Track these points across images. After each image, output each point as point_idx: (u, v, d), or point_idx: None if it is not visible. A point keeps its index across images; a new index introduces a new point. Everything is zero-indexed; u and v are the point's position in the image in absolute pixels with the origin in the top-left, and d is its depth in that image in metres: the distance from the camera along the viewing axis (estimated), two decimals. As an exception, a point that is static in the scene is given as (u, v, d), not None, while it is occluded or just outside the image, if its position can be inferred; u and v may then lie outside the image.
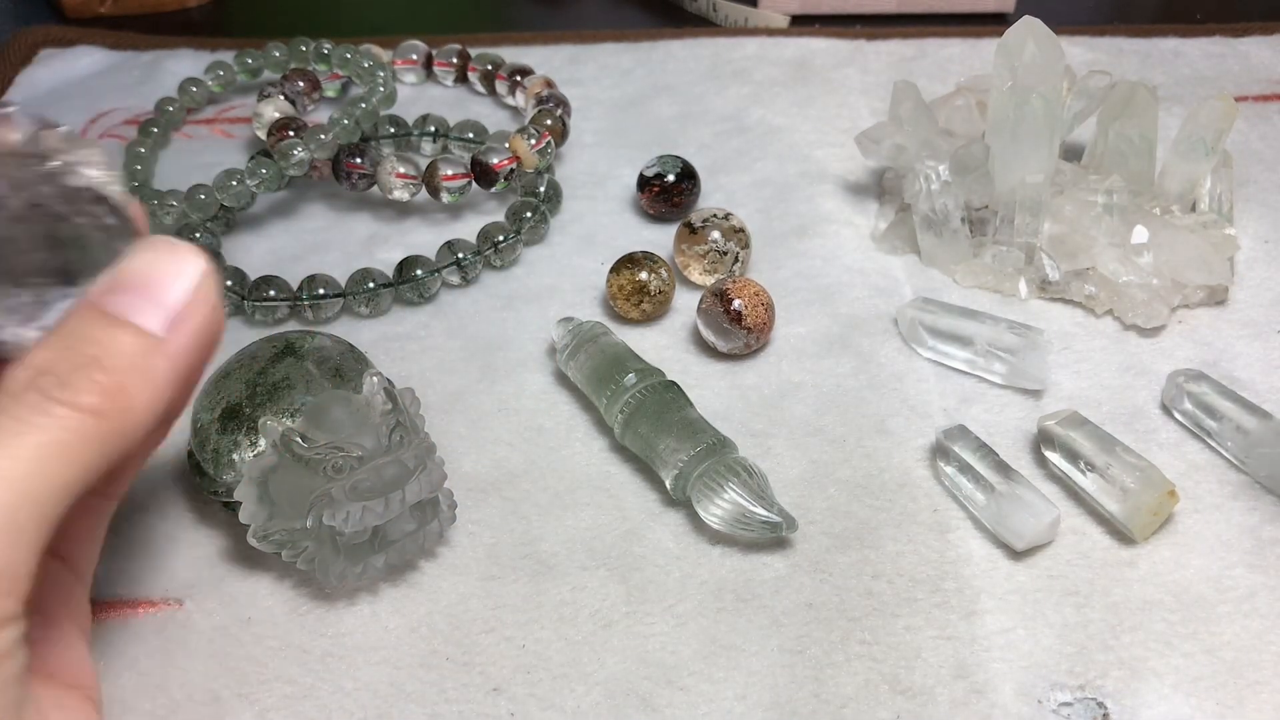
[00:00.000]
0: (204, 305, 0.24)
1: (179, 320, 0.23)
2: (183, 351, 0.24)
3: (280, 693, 0.29)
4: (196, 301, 0.24)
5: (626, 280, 0.40)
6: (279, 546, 0.30)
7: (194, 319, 0.24)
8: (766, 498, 0.32)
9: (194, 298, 0.24)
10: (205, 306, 0.24)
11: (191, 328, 0.24)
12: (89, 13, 0.63)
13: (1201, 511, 0.33)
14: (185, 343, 0.24)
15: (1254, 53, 0.56)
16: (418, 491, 0.30)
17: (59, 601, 0.27)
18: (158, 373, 0.23)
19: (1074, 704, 0.29)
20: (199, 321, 0.24)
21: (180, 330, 0.24)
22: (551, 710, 0.29)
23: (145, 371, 0.23)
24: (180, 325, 0.24)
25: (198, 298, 0.24)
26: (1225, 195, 0.42)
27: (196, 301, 0.24)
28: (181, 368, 0.24)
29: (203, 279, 0.24)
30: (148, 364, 0.23)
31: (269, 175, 0.44)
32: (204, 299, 0.24)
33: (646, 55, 0.57)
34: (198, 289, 0.24)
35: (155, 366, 0.23)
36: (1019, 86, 0.39)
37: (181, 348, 0.24)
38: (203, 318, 0.24)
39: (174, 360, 0.23)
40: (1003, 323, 0.37)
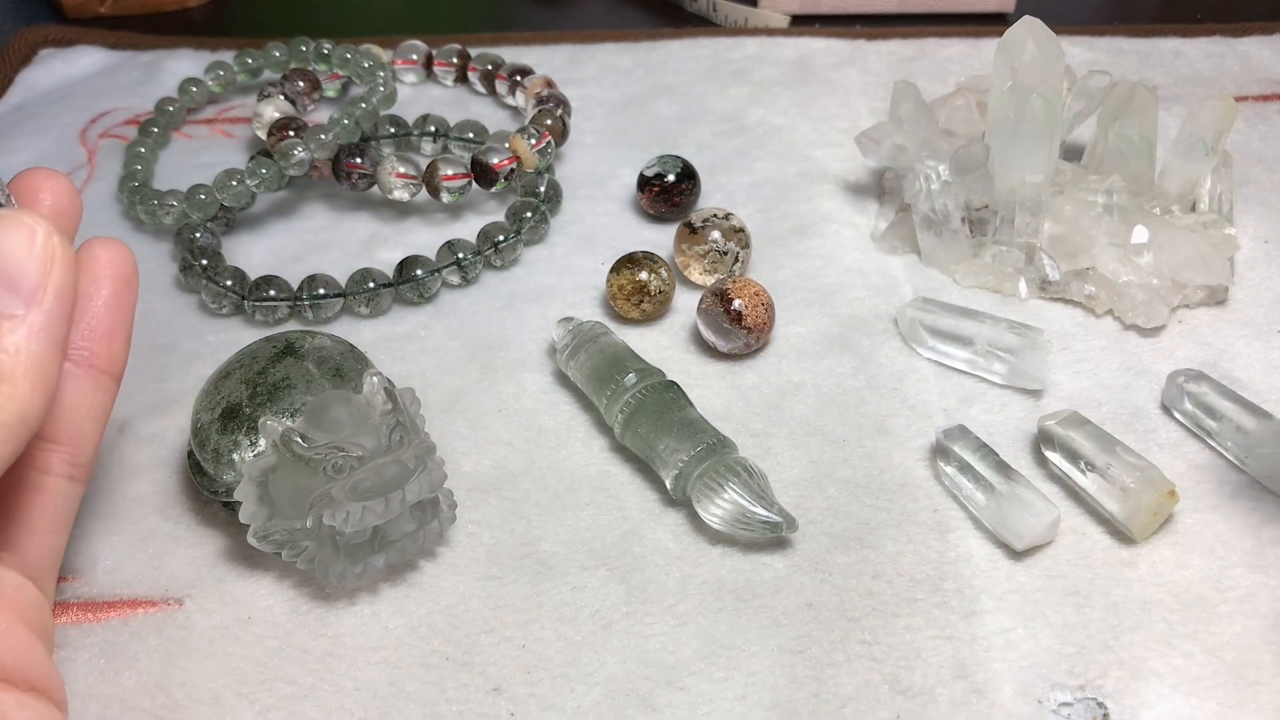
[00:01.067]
0: (54, 266, 0.23)
1: (34, 291, 0.23)
2: (50, 319, 0.23)
3: (280, 693, 0.29)
4: (44, 266, 0.23)
5: (626, 280, 0.40)
6: (279, 546, 0.30)
7: (51, 284, 0.23)
8: (766, 498, 0.32)
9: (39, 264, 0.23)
10: (57, 267, 0.23)
11: (50, 294, 0.23)
12: (89, 13, 0.63)
13: (1201, 511, 0.34)
14: (50, 310, 0.23)
15: (1254, 53, 0.56)
16: (418, 491, 0.30)
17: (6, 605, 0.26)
18: (33, 351, 0.23)
19: (1074, 704, 0.29)
20: (56, 286, 0.23)
21: (42, 301, 0.23)
22: (551, 710, 0.29)
23: (19, 351, 0.23)
24: (39, 296, 0.23)
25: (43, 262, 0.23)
26: (1225, 195, 0.42)
27: (44, 266, 0.23)
28: (56, 335, 0.23)
29: (41, 241, 0.23)
30: (19, 345, 0.23)
31: (269, 175, 0.44)
32: (50, 260, 0.23)
33: (646, 55, 0.57)
34: (40, 253, 0.23)
35: (28, 344, 0.23)
36: (1019, 86, 0.39)
37: (48, 317, 0.23)
38: (58, 279, 0.23)
39: (45, 331, 0.23)
40: (1003, 323, 0.37)
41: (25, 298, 0.23)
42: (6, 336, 0.23)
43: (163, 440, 0.37)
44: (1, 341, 0.22)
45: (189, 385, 0.38)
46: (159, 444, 0.36)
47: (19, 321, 0.23)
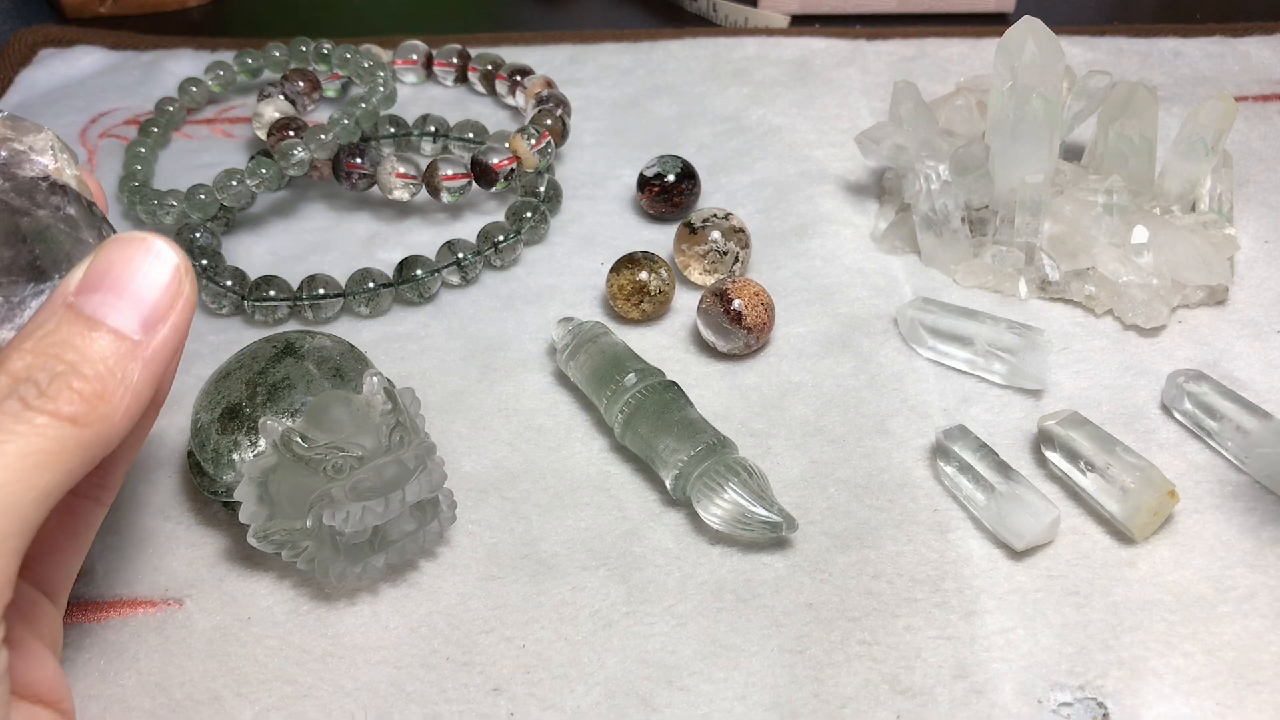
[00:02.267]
0: (179, 302, 0.24)
1: (155, 320, 0.23)
2: (159, 353, 0.23)
3: (280, 693, 0.29)
4: (172, 300, 0.23)
5: (626, 280, 0.40)
6: (279, 546, 0.30)
7: (169, 318, 0.23)
8: (766, 498, 0.32)
9: (169, 296, 0.23)
10: (180, 303, 0.24)
11: (168, 328, 0.23)
12: (89, 13, 0.63)
13: (1201, 511, 0.33)
14: (161, 344, 0.23)
15: (1254, 53, 0.56)
16: (418, 491, 0.30)
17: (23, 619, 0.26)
18: (135, 377, 0.23)
19: (1074, 704, 0.29)
20: (174, 320, 0.24)
21: (156, 331, 0.23)
22: (551, 710, 0.29)
23: (123, 376, 0.23)
24: (156, 325, 0.23)
25: (173, 295, 0.24)
26: (1225, 195, 0.42)
27: (172, 300, 0.23)
28: (158, 368, 0.23)
29: (177, 275, 0.24)
30: (125, 368, 0.23)
31: (269, 175, 0.44)
32: (179, 296, 0.24)
33: (646, 55, 0.57)
34: (172, 286, 0.24)
35: (133, 370, 0.23)
36: (1019, 86, 0.39)
37: (158, 349, 0.23)
38: (178, 316, 0.24)
39: (151, 363, 0.23)
40: (1003, 323, 0.37)
41: (146, 325, 0.23)
42: (118, 359, 0.23)
43: (162, 440, 0.37)
44: (111, 362, 0.22)
45: (189, 385, 0.38)
46: (159, 444, 0.36)
47: (134, 346, 0.23)
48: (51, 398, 0.22)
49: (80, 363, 0.22)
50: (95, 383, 0.22)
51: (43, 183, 0.24)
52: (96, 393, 0.22)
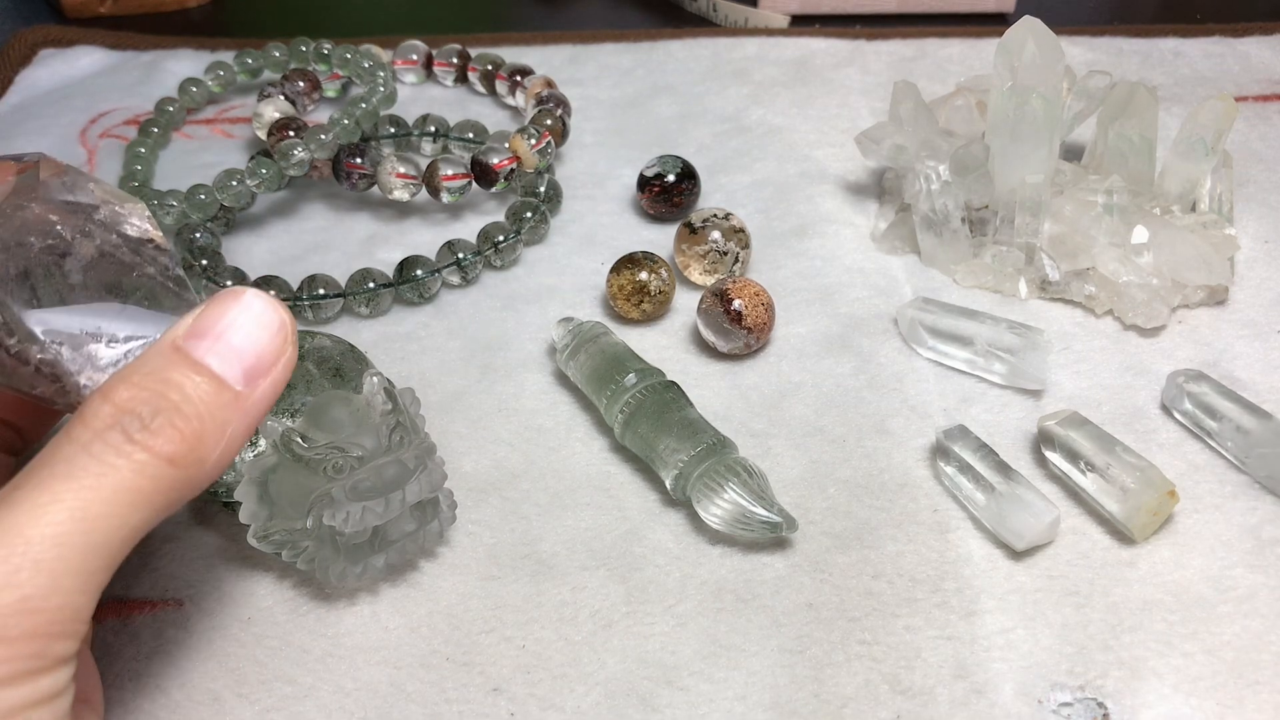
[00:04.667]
0: (281, 360, 0.24)
1: (257, 374, 0.24)
2: (258, 406, 0.24)
3: (280, 693, 0.29)
4: (275, 356, 0.24)
5: (626, 280, 0.40)
6: (279, 546, 0.30)
7: (271, 375, 0.24)
8: (766, 498, 0.32)
9: (274, 352, 0.24)
10: (283, 362, 0.24)
11: (268, 384, 0.24)
12: (89, 13, 0.63)
13: (1201, 511, 0.33)
14: (260, 398, 0.24)
15: (1254, 53, 0.56)
16: (418, 492, 0.30)
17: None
18: (231, 426, 0.23)
19: (1074, 704, 0.29)
20: (275, 378, 0.24)
21: (258, 385, 0.24)
22: (551, 710, 0.29)
23: (222, 424, 0.23)
24: (258, 379, 0.24)
25: (277, 352, 0.24)
26: (1225, 195, 0.42)
27: (275, 356, 0.24)
28: (254, 422, 0.24)
29: (283, 333, 0.24)
30: (225, 416, 0.23)
31: (269, 175, 0.44)
32: (282, 354, 0.24)
33: (646, 55, 0.57)
34: (277, 343, 0.24)
35: (230, 420, 0.23)
36: (1019, 86, 0.39)
37: (257, 403, 0.24)
38: (279, 373, 0.24)
39: (248, 415, 0.24)
40: (1003, 323, 0.37)
41: (249, 378, 0.23)
42: (220, 408, 0.23)
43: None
44: (211, 408, 0.23)
45: (189, 385, 0.38)
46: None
47: (235, 396, 0.23)
48: (154, 433, 0.22)
49: (183, 403, 0.22)
50: (195, 423, 0.22)
51: (148, 244, 0.25)
52: (196, 434, 0.22)
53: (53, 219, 0.24)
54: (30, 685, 0.21)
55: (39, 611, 0.21)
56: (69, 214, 0.24)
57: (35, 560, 0.20)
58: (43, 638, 0.21)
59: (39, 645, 0.21)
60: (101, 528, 0.21)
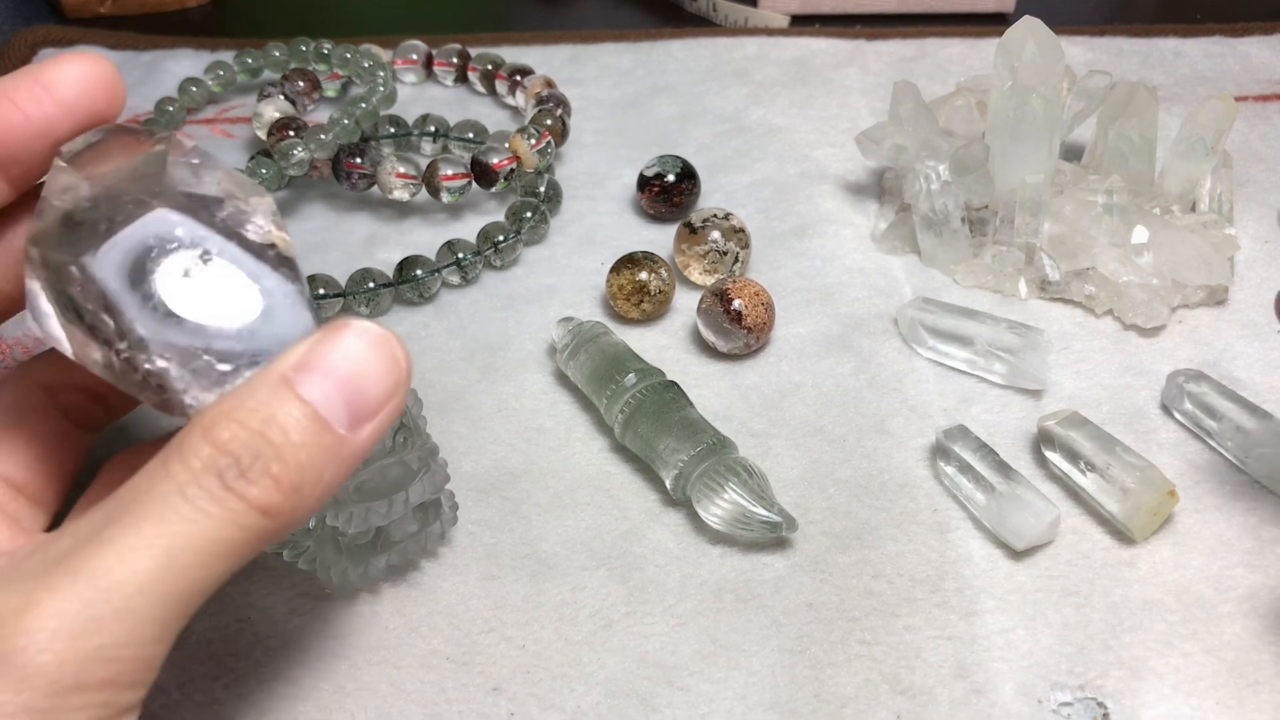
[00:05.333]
0: (391, 405, 0.22)
1: (364, 418, 0.22)
2: (359, 453, 0.22)
3: (280, 693, 0.29)
4: (384, 401, 0.22)
5: (626, 280, 0.40)
6: (280, 546, 0.30)
7: (378, 419, 0.22)
8: (766, 498, 0.32)
9: (383, 397, 0.22)
10: (392, 407, 0.22)
11: (372, 428, 0.22)
12: (89, 13, 0.63)
13: (1201, 511, 0.34)
14: (363, 444, 0.22)
15: (1254, 53, 0.56)
16: (421, 493, 0.30)
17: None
18: (329, 473, 0.21)
19: (1074, 704, 0.29)
20: (380, 424, 0.22)
21: (363, 430, 0.22)
22: (551, 710, 0.29)
23: (319, 471, 0.21)
24: (363, 424, 0.22)
25: (386, 397, 0.22)
26: (1225, 195, 0.42)
27: (384, 401, 0.22)
28: (353, 468, 0.22)
29: (396, 377, 0.22)
30: (324, 463, 0.21)
31: (269, 175, 0.44)
32: (391, 398, 0.22)
33: (646, 55, 0.57)
34: (388, 388, 0.22)
35: (330, 465, 0.21)
36: (1019, 86, 0.39)
37: (357, 450, 0.22)
38: (385, 418, 0.22)
39: (347, 461, 0.22)
40: (1003, 323, 0.37)
41: (355, 421, 0.22)
42: (320, 451, 0.21)
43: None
44: (313, 453, 0.21)
45: (189, 385, 0.38)
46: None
47: (338, 441, 0.21)
48: (251, 481, 0.21)
49: (285, 447, 0.21)
50: (295, 473, 0.21)
51: (270, 251, 0.23)
52: (294, 484, 0.21)
53: (173, 220, 0.22)
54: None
55: (115, 661, 0.20)
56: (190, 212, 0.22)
57: (117, 609, 0.20)
58: (114, 687, 0.20)
59: (109, 695, 0.20)
60: (187, 578, 0.20)
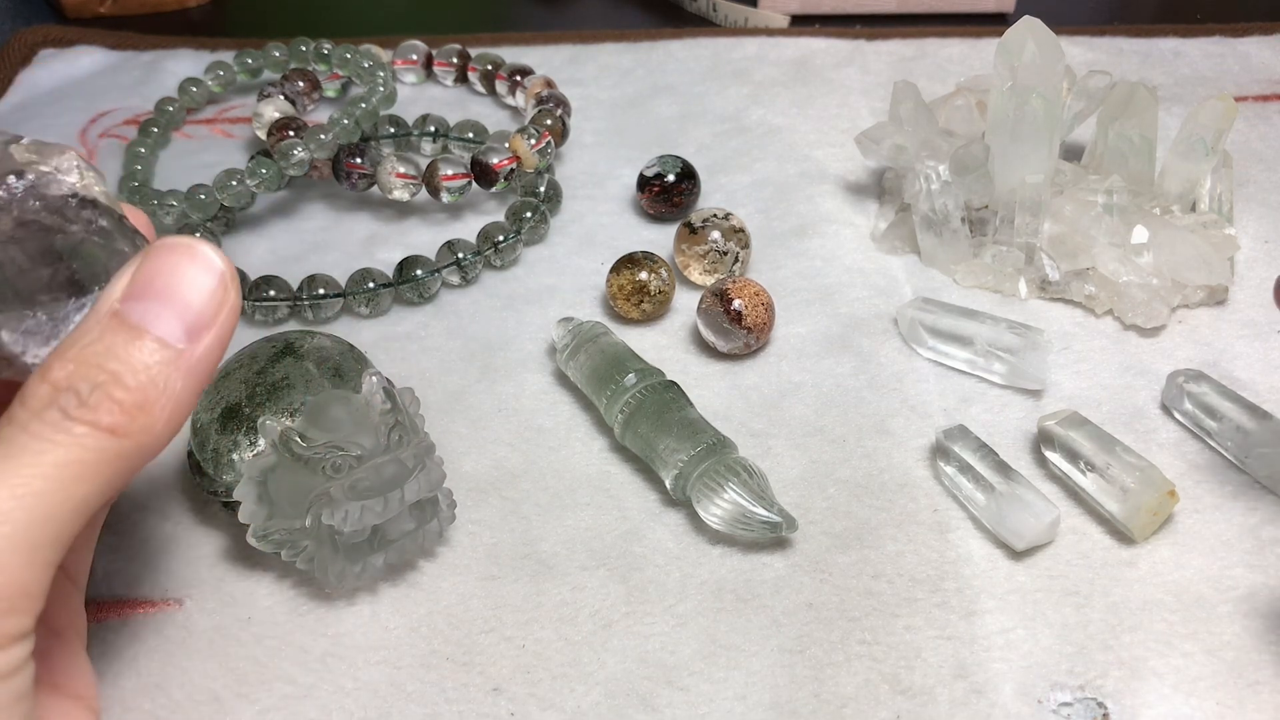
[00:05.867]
0: (224, 311, 0.23)
1: (200, 328, 0.23)
2: (203, 361, 0.23)
3: (280, 693, 0.29)
4: (217, 307, 0.23)
5: (626, 280, 0.40)
6: (278, 546, 0.30)
7: (215, 327, 0.23)
8: (766, 498, 0.32)
9: (213, 304, 0.23)
10: (225, 312, 0.23)
11: (212, 336, 0.23)
12: (89, 13, 0.63)
13: (1201, 511, 0.33)
14: (205, 352, 0.23)
15: (1254, 53, 0.56)
16: (417, 491, 0.30)
17: (61, 611, 0.26)
18: (178, 386, 0.22)
19: (1074, 704, 0.29)
20: (219, 330, 0.23)
21: (201, 339, 0.23)
22: (551, 710, 0.29)
23: (165, 386, 0.22)
24: (201, 334, 0.23)
25: (218, 303, 0.23)
26: (1225, 195, 0.42)
27: (217, 307, 0.23)
28: (202, 377, 0.23)
29: (223, 282, 0.23)
30: (168, 378, 0.22)
31: (269, 175, 0.44)
32: (224, 303, 0.23)
33: (646, 55, 0.57)
34: (218, 294, 0.23)
35: (175, 380, 0.22)
36: (1019, 86, 0.39)
37: (202, 358, 0.23)
38: (223, 324, 0.23)
39: (194, 372, 0.23)
40: (1003, 323, 0.37)
41: (191, 334, 0.22)
42: (161, 368, 0.22)
43: (163, 440, 0.36)
44: (154, 372, 0.22)
45: (189, 385, 0.38)
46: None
47: (178, 355, 0.22)
48: (92, 408, 0.21)
49: (123, 373, 0.22)
50: (137, 393, 0.22)
51: (71, 199, 0.24)
52: (138, 403, 0.22)
53: None
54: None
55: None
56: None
57: None
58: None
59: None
60: (45, 503, 0.21)
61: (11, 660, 0.21)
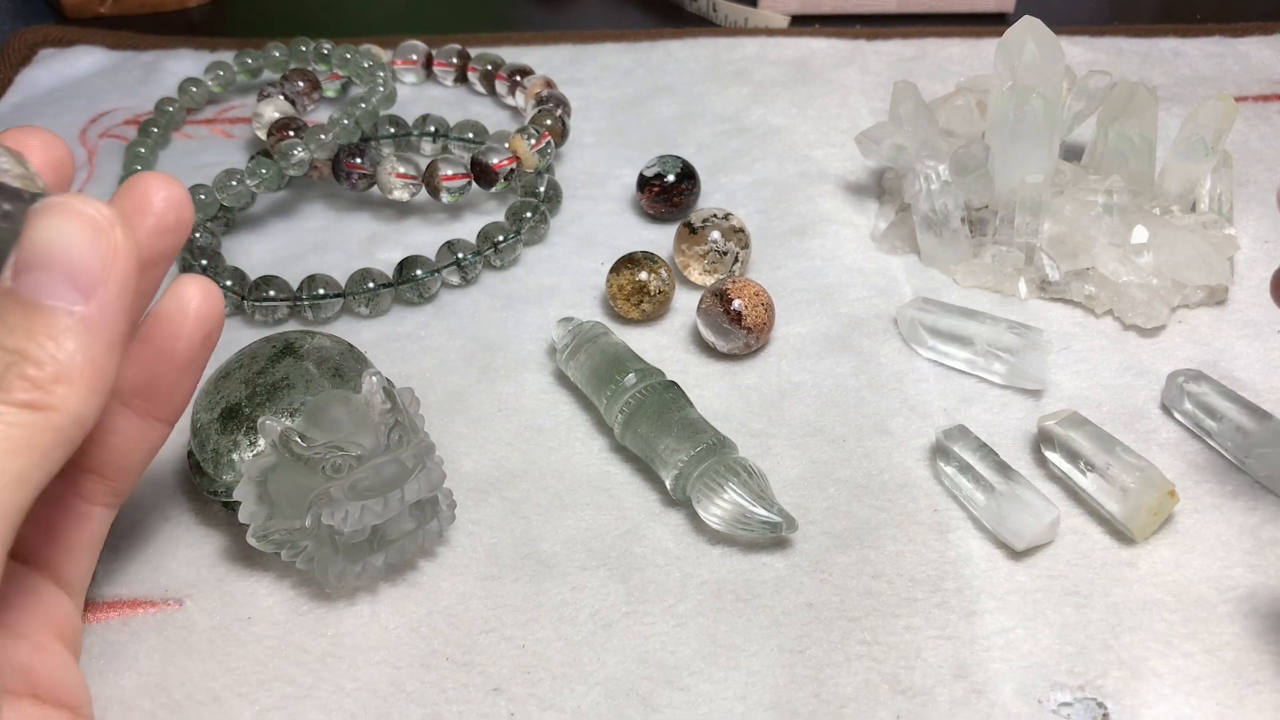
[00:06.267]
0: (115, 259, 0.22)
1: (92, 285, 0.22)
2: (108, 317, 0.22)
3: (280, 693, 0.29)
4: (104, 259, 0.22)
5: (626, 280, 0.40)
6: (278, 546, 0.30)
7: (112, 278, 0.22)
8: (766, 498, 0.32)
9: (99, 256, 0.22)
10: (117, 259, 0.22)
11: (111, 289, 0.22)
12: (89, 13, 0.63)
13: (1201, 511, 0.33)
14: (108, 306, 0.22)
15: (1254, 53, 0.56)
16: (416, 491, 0.30)
17: (44, 619, 0.26)
18: (90, 348, 0.22)
19: (1074, 704, 0.29)
20: (116, 279, 0.22)
21: (100, 296, 0.22)
22: (551, 710, 0.29)
23: (76, 350, 0.22)
24: (99, 290, 0.22)
25: (103, 254, 0.22)
26: (1225, 195, 0.42)
27: (104, 259, 0.22)
28: (114, 331, 0.22)
29: (101, 231, 0.22)
30: (77, 343, 0.22)
31: (269, 175, 0.44)
32: (111, 252, 0.22)
33: (646, 55, 0.57)
34: (101, 245, 0.22)
35: (87, 343, 0.22)
36: (1019, 86, 0.39)
37: (105, 314, 0.22)
38: (118, 272, 0.22)
39: (103, 330, 0.22)
40: (1003, 323, 0.37)
41: (84, 292, 0.22)
42: (64, 335, 0.22)
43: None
44: (58, 340, 0.22)
45: (189, 385, 0.38)
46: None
47: (77, 319, 0.22)
48: (7, 389, 0.21)
49: (29, 348, 0.21)
50: (49, 365, 0.21)
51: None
52: (52, 376, 0.21)
53: None
54: None
55: None
56: None
57: None
58: None
59: None
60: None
61: None
